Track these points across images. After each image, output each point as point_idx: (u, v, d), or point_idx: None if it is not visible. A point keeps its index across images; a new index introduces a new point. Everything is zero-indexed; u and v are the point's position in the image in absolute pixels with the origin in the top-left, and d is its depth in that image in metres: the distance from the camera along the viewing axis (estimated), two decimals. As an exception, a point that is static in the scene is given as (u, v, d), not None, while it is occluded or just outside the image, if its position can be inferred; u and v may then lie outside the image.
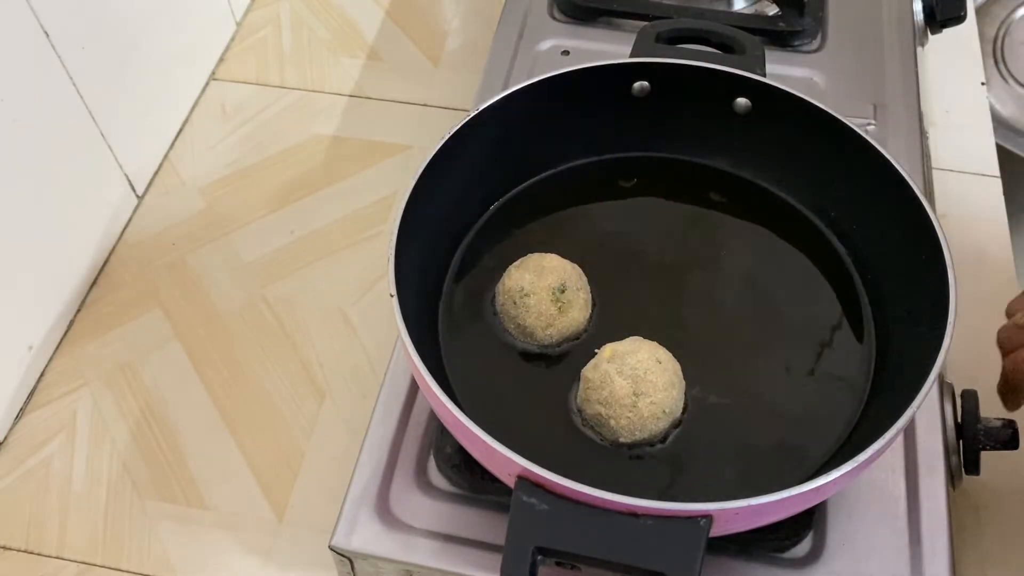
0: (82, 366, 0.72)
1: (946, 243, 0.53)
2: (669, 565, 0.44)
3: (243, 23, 0.95)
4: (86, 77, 0.71)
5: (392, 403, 0.59)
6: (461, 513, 0.55)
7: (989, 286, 0.73)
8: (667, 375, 0.53)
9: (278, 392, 0.70)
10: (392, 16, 0.96)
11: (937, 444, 0.57)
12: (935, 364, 0.48)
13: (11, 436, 0.68)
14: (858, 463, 0.46)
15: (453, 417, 0.47)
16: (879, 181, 0.57)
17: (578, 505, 0.45)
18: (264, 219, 0.80)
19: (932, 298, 0.52)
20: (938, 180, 0.80)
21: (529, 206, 0.65)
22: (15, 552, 0.63)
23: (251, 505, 0.65)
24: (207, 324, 0.74)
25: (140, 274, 0.77)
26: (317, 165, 0.84)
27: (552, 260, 0.58)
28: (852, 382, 0.57)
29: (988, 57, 1.12)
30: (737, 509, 0.44)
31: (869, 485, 0.56)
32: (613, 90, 0.64)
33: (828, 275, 0.62)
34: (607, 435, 0.54)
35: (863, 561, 0.54)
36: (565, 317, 0.57)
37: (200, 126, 0.87)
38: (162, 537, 0.64)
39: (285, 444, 0.68)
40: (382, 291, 0.75)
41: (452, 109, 0.88)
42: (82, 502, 0.65)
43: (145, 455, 0.67)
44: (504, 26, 0.81)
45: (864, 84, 0.76)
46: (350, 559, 0.55)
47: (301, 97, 0.89)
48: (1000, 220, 0.78)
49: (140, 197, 0.81)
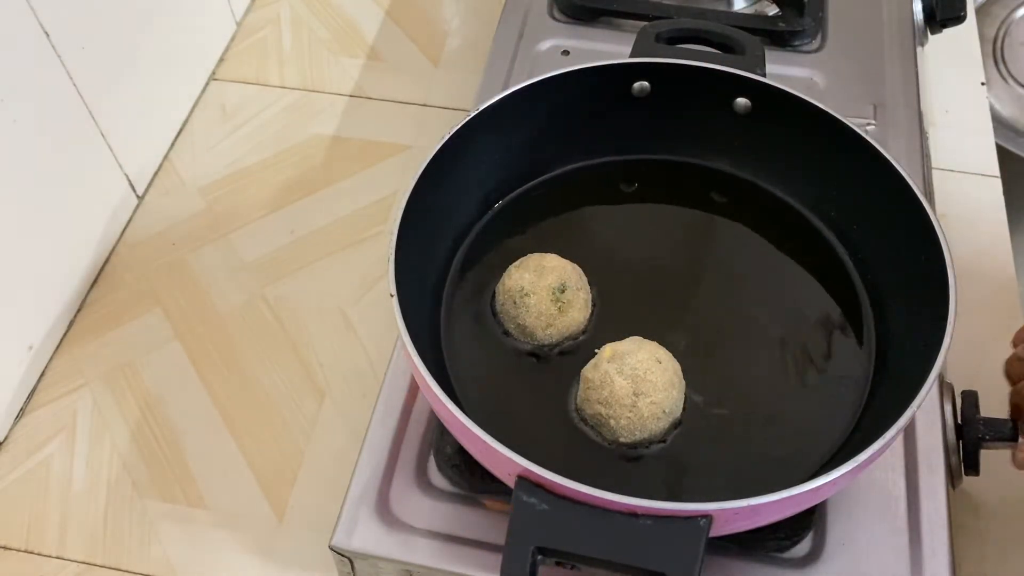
0: (82, 366, 0.72)
1: (946, 243, 0.53)
2: (669, 565, 0.44)
3: (243, 23, 0.95)
4: (86, 77, 0.71)
5: (392, 403, 0.59)
6: (461, 513, 0.55)
7: (989, 286, 0.73)
8: (667, 375, 0.53)
9: (278, 392, 0.70)
10: (392, 16, 0.96)
11: (937, 444, 0.57)
12: (935, 364, 0.48)
13: (11, 436, 0.68)
14: (858, 463, 0.46)
15: (453, 417, 0.47)
16: (879, 181, 0.57)
17: (578, 505, 0.45)
18: (264, 219, 0.80)
19: (932, 298, 0.52)
20: (938, 180, 0.80)
21: (529, 206, 0.65)
22: (15, 552, 0.63)
23: (251, 505, 0.65)
24: (207, 324, 0.74)
25: (140, 274, 0.77)
26: (317, 165, 0.84)
27: (552, 260, 0.58)
28: (852, 382, 0.57)
29: (988, 57, 1.12)
30: (737, 509, 0.44)
31: (869, 485, 0.56)
32: (613, 90, 0.64)
33: (828, 275, 0.62)
34: (607, 435, 0.54)
35: (863, 561, 0.54)
36: (565, 317, 0.57)
37: (200, 126, 0.87)
38: (162, 537, 0.64)
39: (285, 444, 0.68)
40: (382, 291, 0.75)
41: (452, 109, 0.88)
42: (82, 502, 0.65)
43: (145, 455, 0.67)
44: (504, 26, 0.81)
45: (864, 84, 0.76)
46: (350, 559, 0.55)
47: (301, 97, 0.89)
48: (1000, 220, 0.78)
49: (140, 197, 0.81)
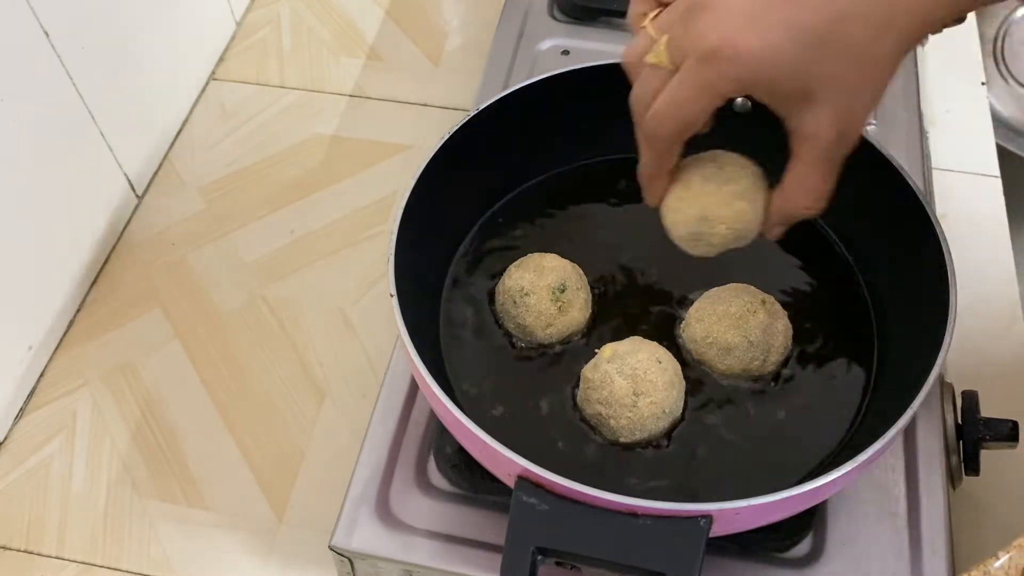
0: (82, 366, 0.72)
1: (946, 243, 0.53)
2: (669, 565, 0.44)
3: (243, 23, 0.95)
4: (86, 77, 0.71)
5: (392, 403, 0.59)
6: (461, 513, 0.55)
7: (989, 286, 0.73)
8: (667, 375, 0.53)
9: (278, 392, 0.70)
10: (392, 16, 0.96)
11: (937, 444, 0.57)
12: (935, 364, 0.48)
13: (11, 436, 0.68)
14: (858, 463, 0.46)
15: (453, 417, 0.47)
16: (879, 181, 0.57)
17: (578, 505, 0.45)
18: (264, 219, 0.80)
19: (932, 298, 0.52)
20: (938, 180, 0.80)
21: (529, 206, 0.65)
22: (15, 552, 0.63)
23: (251, 505, 0.65)
24: (207, 324, 0.74)
25: (140, 274, 0.77)
26: (317, 165, 0.84)
27: (552, 260, 0.58)
28: (852, 382, 0.57)
29: (988, 57, 1.12)
30: (737, 509, 0.44)
31: (869, 485, 0.56)
32: (613, 90, 0.64)
33: (828, 275, 0.62)
34: (607, 435, 0.54)
35: (863, 561, 0.54)
36: (565, 317, 0.57)
37: (200, 126, 0.87)
38: (162, 537, 0.64)
39: (285, 444, 0.68)
40: (382, 291, 0.75)
41: (452, 109, 0.88)
42: (82, 502, 0.65)
43: (145, 455, 0.67)
44: (504, 26, 0.81)
45: (864, 84, 0.76)
46: (350, 559, 0.55)
47: (301, 97, 0.89)
48: (1000, 220, 0.78)
49: (140, 197, 0.81)
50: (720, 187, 0.50)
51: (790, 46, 0.43)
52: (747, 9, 0.43)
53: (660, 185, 0.51)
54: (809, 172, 0.47)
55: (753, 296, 0.56)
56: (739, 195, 0.50)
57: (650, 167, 0.50)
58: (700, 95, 0.45)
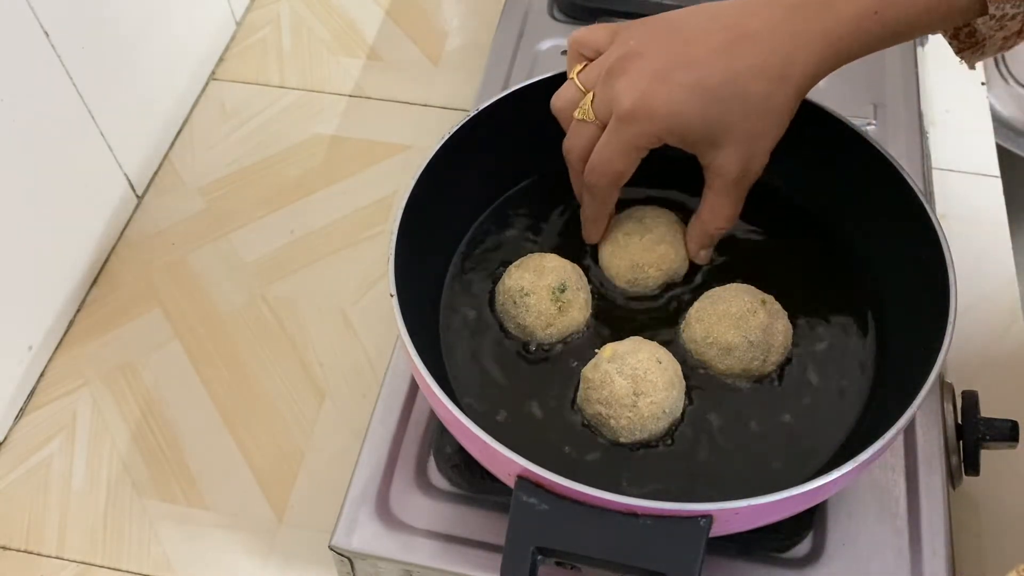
0: (82, 366, 0.72)
1: (946, 243, 0.53)
2: (669, 565, 0.44)
3: (243, 23, 0.95)
4: (86, 77, 0.71)
5: (392, 403, 0.59)
6: (461, 513, 0.55)
7: (989, 286, 0.73)
8: (667, 375, 0.53)
9: (278, 392, 0.70)
10: (392, 16, 0.96)
11: (937, 444, 0.57)
12: (935, 364, 0.48)
13: (11, 436, 0.68)
14: (858, 463, 0.46)
15: (453, 417, 0.47)
16: (879, 181, 0.57)
17: (578, 505, 0.45)
18: (264, 219, 0.80)
19: (932, 298, 0.52)
20: (938, 180, 0.80)
21: (529, 206, 0.65)
22: (15, 552, 0.63)
23: (251, 505, 0.65)
24: (207, 324, 0.74)
25: (140, 274, 0.77)
26: (317, 165, 0.84)
27: (552, 260, 0.58)
28: (852, 382, 0.57)
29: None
30: (737, 509, 0.44)
31: (869, 485, 0.56)
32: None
33: (828, 275, 0.62)
34: (607, 435, 0.54)
35: (863, 561, 0.54)
36: (565, 317, 0.57)
37: (200, 126, 0.87)
38: (162, 537, 0.64)
39: (285, 444, 0.68)
40: (382, 291, 0.75)
41: (452, 109, 0.88)
42: (82, 502, 0.65)
43: (145, 455, 0.67)
44: (504, 26, 0.81)
45: (864, 84, 0.76)
46: (350, 559, 0.55)
47: (301, 97, 0.89)
48: (1000, 220, 0.78)
49: (140, 197, 0.81)
50: (642, 237, 0.59)
51: (697, 102, 0.50)
52: (658, 72, 0.50)
53: (600, 226, 0.59)
54: (720, 200, 0.55)
55: (753, 296, 0.56)
56: (659, 240, 0.59)
57: (592, 211, 0.58)
58: (627, 151, 0.52)
